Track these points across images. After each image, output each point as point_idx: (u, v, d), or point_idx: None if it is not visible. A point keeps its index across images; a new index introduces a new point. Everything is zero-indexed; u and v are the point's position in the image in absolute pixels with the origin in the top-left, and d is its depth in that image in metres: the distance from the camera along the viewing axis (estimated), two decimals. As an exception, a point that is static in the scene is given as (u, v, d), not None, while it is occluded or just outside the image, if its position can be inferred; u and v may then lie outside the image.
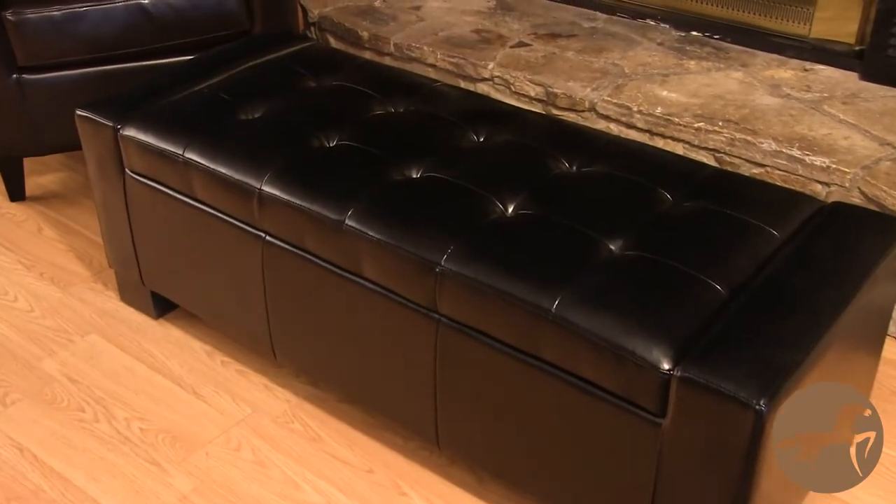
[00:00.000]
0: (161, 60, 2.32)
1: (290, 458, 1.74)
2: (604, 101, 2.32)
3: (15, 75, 2.23)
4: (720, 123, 2.18)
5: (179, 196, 1.81)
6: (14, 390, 1.89)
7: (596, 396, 1.35)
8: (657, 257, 1.43)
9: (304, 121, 1.81)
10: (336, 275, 1.61)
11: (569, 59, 2.53)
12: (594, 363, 1.33)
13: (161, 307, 2.07)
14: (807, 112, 2.23)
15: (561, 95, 2.38)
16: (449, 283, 1.45)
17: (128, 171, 1.88)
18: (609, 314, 1.33)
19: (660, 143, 2.25)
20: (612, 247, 1.47)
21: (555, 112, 2.39)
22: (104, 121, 1.87)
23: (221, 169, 1.71)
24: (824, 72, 2.43)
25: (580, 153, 1.71)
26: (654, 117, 2.24)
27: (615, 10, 2.81)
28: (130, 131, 1.84)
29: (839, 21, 2.43)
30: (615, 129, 2.31)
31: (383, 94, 1.92)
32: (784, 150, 2.08)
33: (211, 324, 2.02)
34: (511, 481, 1.56)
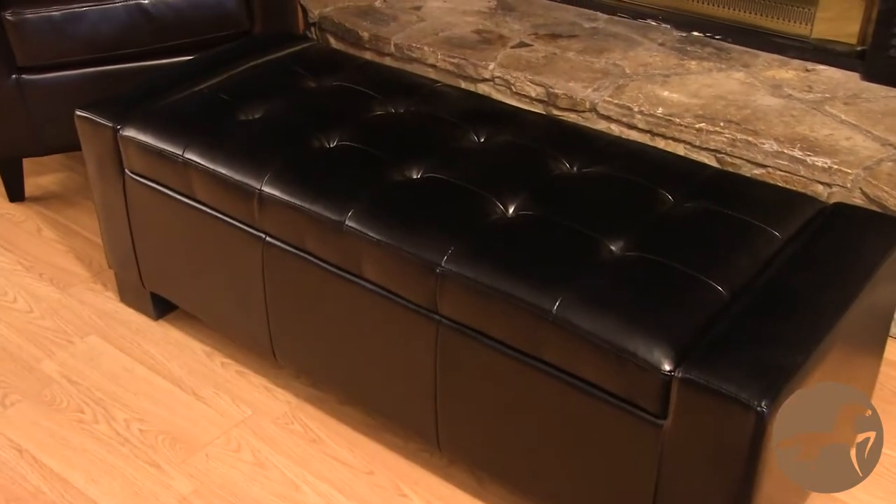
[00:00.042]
0: (161, 61, 2.31)
1: (290, 460, 1.74)
2: (605, 101, 2.31)
3: (14, 75, 2.23)
4: (721, 124, 2.17)
5: (179, 197, 1.81)
6: (13, 391, 1.89)
7: (597, 398, 1.35)
8: (658, 258, 1.42)
9: (304, 121, 1.81)
10: (336, 276, 1.60)
11: (570, 59, 2.53)
12: (595, 364, 1.33)
13: (161, 308, 2.07)
14: (808, 113, 2.22)
15: (562, 96, 2.37)
16: (449, 284, 1.45)
17: (127, 171, 1.88)
18: (610, 315, 1.33)
19: (661, 143, 2.24)
20: (613, 248, 1.47)
21: (555, 113, 2.39)
22: (104, 121, 1.87)
23: (221, 169, 1.71)
24: (826, 72, 2.42)
25: (581, 154, 1.71)
26: (655, 118, 2.24)
27: (616, 11, 2.81)
28: (130, 132, 1.83)
29: (841, 21, 2.43)
30: (616, 129, 2.31)
31: (384, 95, 1.91)
32: (785, 151, 2.07)
33: (211, 325, 2.01)
34: (512, 483, 1.56)
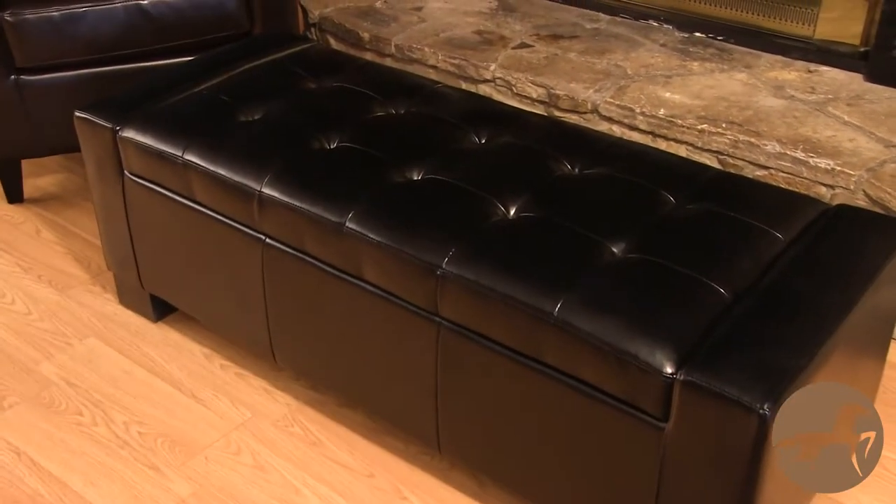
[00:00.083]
0: (160, 62, 2.31)
1: (290, 463, 1.73)
2: (606, 102, 2.31)
3: (13, 76, 2.23)
4: (724, 125, 2.17)
5: (179, 198, 1.80)
6: (11, 394, 1.88)
7: (598, 400, 1.34)
8: (660, 260, 1.42)
9: (304, 122, 1.80)
10: (336, 277, 1.60)
11: (571, 60, 2.52)
12: (596, 367, 1.32)
13: (160, 310, 2.07)
14: (811, 114, 2.21)
15: (563, 97, 2.37)
16: (450, 285, 1.44)
17: (127, 172, 1.88)
18: (611, 317, 1.32)
19: (663, 145, 2.24)
20: (615, 249, 1.46)
21: (557, 114, 2.38)
22: (103, 122, 1.86)
23: (221, 171, 1.70)
24: (829, 73, 2.42)
25: (582, 155, 1.70)
26: (657, 119, 2.23)
27: (618, 11, 2.80)
28: (129, 133, 1.83)
29: (844, 22, 2.42)
30: (618, 130, 2.30)
31: (384, 96, 1.91)
32: (788, 153, 2.07)
33: (210, 327, 2.01)
34: (512, 486, 1.56)
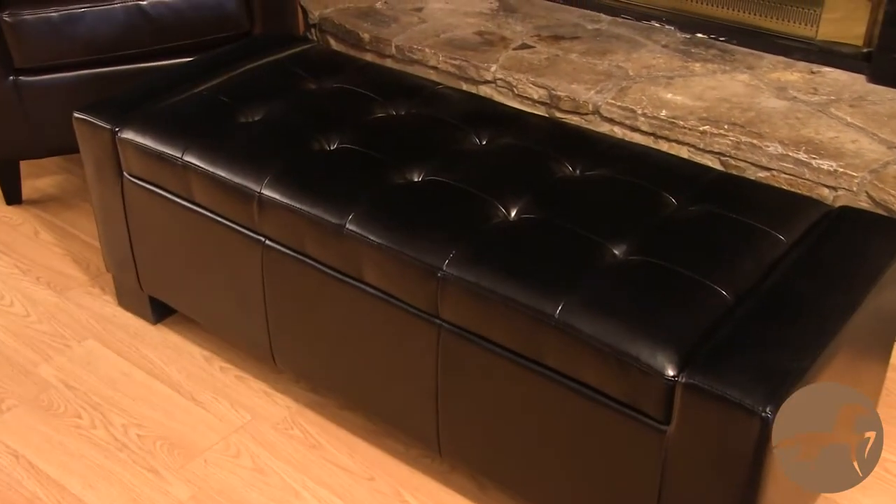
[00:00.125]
0: (160, 62, 2.31)
1: (289, 466, 1.73)
2: (608, 103, 2.30)
3: (12, 77, 2.22)
4: (726, 126, 2.16)
5: (178, 200, 1.80)
6: (10, 396, 1.88)
7: (599, 403, 1.34)
8: (662, 262, 1.41)
9: (304, 123, 1.80)
10: (336, 279, 1.59)
11: (572, 61, 2.52)
12: (598, 369, 1.32)
13: (159, 312, 2.06)
14: (814, 115, 2.21)
15: (564, 98, 2.36)
16: (451, 287, 1.44)
17: (126, 174, 1.87)
18: (613, 320, 1.32)
19: (664, 146, 2.23)
20: (616, 251, 1.46)
21: (558, 115, 2.37)
22: (102, 123, 1.86)
23: (221, 172, 1.70)
24: (831, 74, 2.41)
25: (584, 156, 1.70)
26: (659, 120, 2.23)
27: (619, 12, 2.79)
28: (129, 134, 1.82)
29: (847, 23, 2.41)
30: (619, 132, 2.29)
31: (384, 97, 1.90)
32: (790, 154, 2.06)
33: (210, 329, 2.00)
34: (513, 489, 1.55)
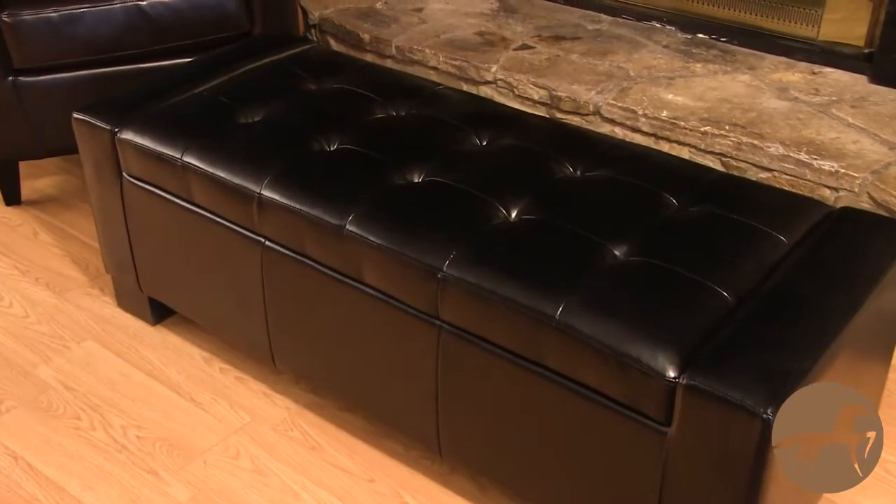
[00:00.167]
0: (159, 63, 2.30)
1: (289, 467, 1.72)
2: (608, 104, 2.30)
3: (11, 77, 2.22)
4: (727, 127, 2.16)
5: (177, 200, 1.80)
6: (9, 397, 1.88)
7: (600, 404, 1.33)
8: (662, 263, 1.41)
9: (304, 124, 1.80)
10: (336, 280, 1.59)
11: (573, 61, 2.51)
12: (598, 370, 1.32)
13: (158, 313, 2.06)
14: (815, 116, 2.20)
15: (565, 98, 2.36)
16: (451, 288, 1.43)
17: (125, 174, 1.87)
18: (613, 321, 1.31)
19: (665, 147, 2.23)
20: (617, 252, 1.45)
21: (559, 115, 2.37)
22: (101, 124, 1.86)
23: (220, 173, 1.70)
24: (833, 75, 2.41)
25: (584, 157, 1.70)
26: (660, 121, 2.22)
27: (620, 13, 2.79)
28: (128, 135, 1.82)
29: (848, 23, 2.41)
30: (620, 132, 2.29)
31: (384, 98, 1.90)
32: (792, 155, 2.05)
33: (209, 330, 2.00)
34: (513, 490, 1.55)
